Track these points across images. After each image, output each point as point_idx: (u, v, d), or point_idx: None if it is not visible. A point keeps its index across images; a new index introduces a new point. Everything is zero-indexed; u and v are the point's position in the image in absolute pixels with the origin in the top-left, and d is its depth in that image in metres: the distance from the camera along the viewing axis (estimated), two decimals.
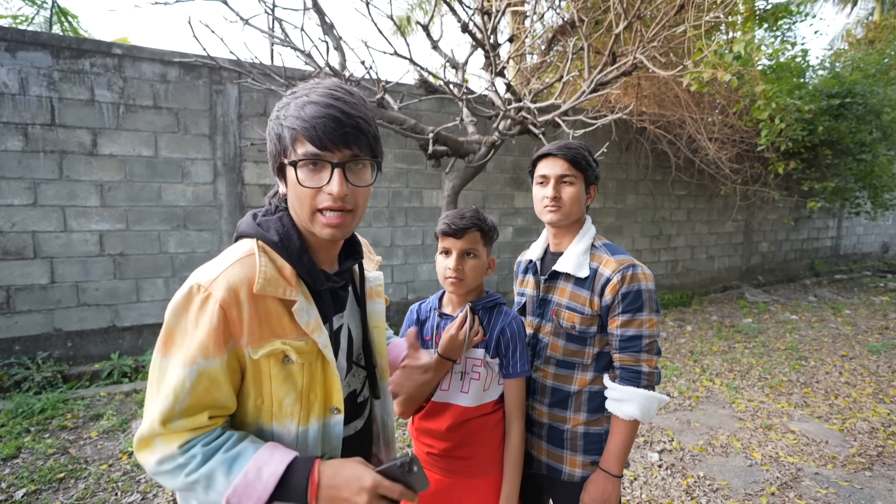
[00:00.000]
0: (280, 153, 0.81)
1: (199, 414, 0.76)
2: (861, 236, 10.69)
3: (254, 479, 0.74)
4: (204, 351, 0.75)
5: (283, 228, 0.85)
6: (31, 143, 3.64)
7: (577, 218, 1.35)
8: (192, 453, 0.75)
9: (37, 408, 3.23)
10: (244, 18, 3.25)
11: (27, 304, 3.73)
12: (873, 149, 6.83)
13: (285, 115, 0.79)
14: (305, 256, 0.84)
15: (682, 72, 3.19)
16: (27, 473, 2.56)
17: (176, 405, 0.74)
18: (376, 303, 1.05)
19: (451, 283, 1.25)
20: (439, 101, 5.17)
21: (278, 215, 0.87)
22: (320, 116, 0.76)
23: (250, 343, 0.79)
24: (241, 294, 0.77)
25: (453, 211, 1.28)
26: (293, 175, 0.80)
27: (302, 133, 0.77)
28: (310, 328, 0.82)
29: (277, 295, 0.80)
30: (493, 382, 1.29)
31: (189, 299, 0.77)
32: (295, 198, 0.82)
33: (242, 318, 0.77)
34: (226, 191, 4.34)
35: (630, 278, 1.24)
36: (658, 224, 7.25)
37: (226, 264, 0.80)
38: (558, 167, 1.31)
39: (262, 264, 0.80)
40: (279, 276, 0.81)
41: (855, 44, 10.12)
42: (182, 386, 0.74)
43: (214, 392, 0.77)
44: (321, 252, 0.90)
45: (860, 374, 4.27)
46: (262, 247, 0.83)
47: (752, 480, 2.68)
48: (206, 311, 0.76)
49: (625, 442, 1.24)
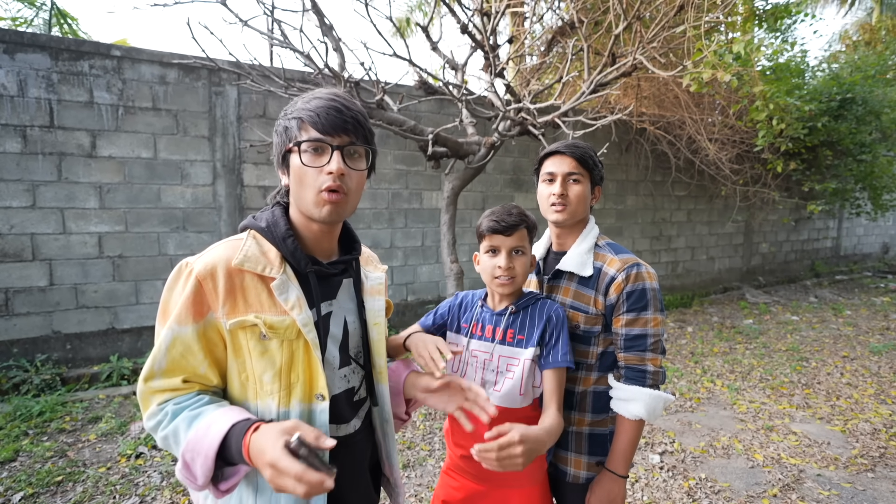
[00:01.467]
0: (286, 142, 0.90)
1: (174, 377, 0.85)
2: (861, 237, 10.68)
3: (202, 435, 0.78)
4: (178, 318, 0.84)
5: (272, 217, 0.94)
6: (30, 145, 3.64)
7: (582, 217, 1.34)
8: (166, 410, 0.83)
9: (35, 410, 3.21)
10: (243, 20, 3.24)
11: (26, 307, 3.72)
12: (873, 149, 6.83)
13: (292, 110, 0.90)
14: (290, 240, 0.91)
15: (681, 72, 3.18)
16: (25, 476, 2.55)
17: (155, 365, 0.84)
18: (376, 300, 1.06)
19: (501, 283, 1.21)
20: (439, 103, 5.17)
21: (271, 210, 0.97)
22: (323, 107, 0.87)
23: (225, 314, 0.86)
24: (219, 269, 0.86)
25: (496, 208, 1.25)
26: (297, 159, 0.88)
27: (307, 120, 0.87)
28: (288, 305, 0.87)
29: (256, 271, 0.87)
30: (528, 385, 1.23)
31: (178, 275, 0.88)
32: (297, 181, 0.89)
33: (217, 291, 0.85)
34: (225, 192, 4.33)
35: (635, 277, 1.22)
36: (658, 225, 7.24)
37: (214, 247, 0.91)
38: (566, 165, 1.30)
39: (247, 245, 0.90)
40: (260, 255, 0.89)
41: (852, 46, 10.12)
42: (160, 349, 0.84)
43: (188, 357, 0.85)
44: (316, 243, 0.96)
45: (862, 374, 4.25)
46: (253, 234, 0.93)
47: (754, 482, 2.66)
48: (187, 283, 0.85)
49: (630, 442, 1.23)
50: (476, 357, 1.26)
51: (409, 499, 2.47)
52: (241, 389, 0.89)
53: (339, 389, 0.97)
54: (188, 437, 0.79)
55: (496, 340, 1.25)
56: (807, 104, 5.69)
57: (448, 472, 1.34)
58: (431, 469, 2.73)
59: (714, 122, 6.26)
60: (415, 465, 2.77)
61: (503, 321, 1.26)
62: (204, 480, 0.79)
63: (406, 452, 2.89)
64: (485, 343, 1.27)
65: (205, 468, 0.78)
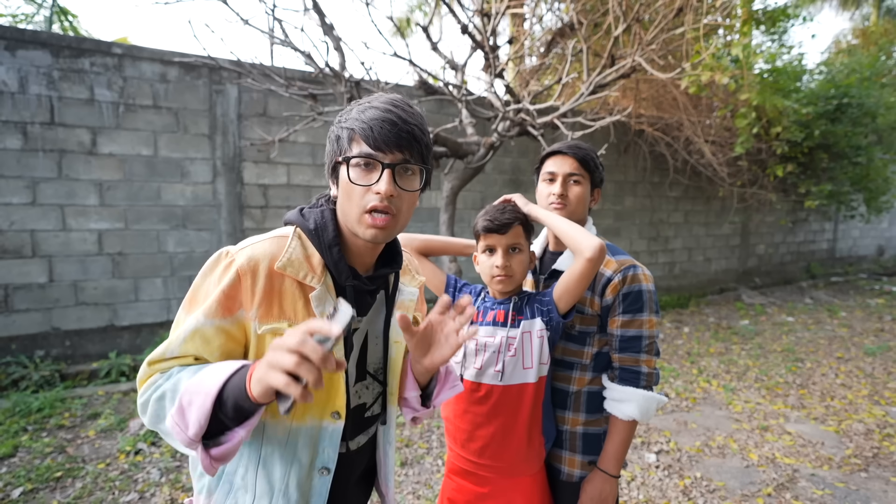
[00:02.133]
0: (336, 153, 0.86)
1: (183, 358, 0.80)
2: (857, 239, 10.75)
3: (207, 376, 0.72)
4: (207, 310, 0.79)
5: (322, 219, 0.88)
6: (31, 142, 3.64)
7: (580, 218, 1.34)
8: (170, 373, 0.78)
9: (34, 406, 3.22)
10: (244, 19, 3.26)
11: (25, 303, 3.72)
12: (868, 152, 6.88)
13: (346, 118, 0.85)
14: (336, 248, 0.86)
15: (680, 74, 3.21)
16: (24, 472, 2.56)
17: (167, 352, 0.79)
18: None
19: (500, 280, 1.22)
20: (438, 103, 5.18)
21: (321, 208, 0.91)
22: (377, 119, 0.81)
23: (259, 316, 0.81)
24: (261, 267, 0.81)
25: (490, 207, 1.25)
26: (345, 173, 0.83)
27: (359, 133, 0.82)
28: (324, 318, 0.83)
29: (297, 277, 0.83)
30: (536, 359, 1.23)
31: (217, 262, 0.83)
32: (345, 196, 0.85)
33: (255, 290, 0.81)
34: (225, 190, 4.34)
35: (631, 279, 1.24)
36: (656, 226, 7.27)
37: (259, 239, 0.85)
38: (567, 165, 1.31)
39: (292, 246, 0.85)
40: (304, 261, 0.85)
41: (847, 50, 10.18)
42: (178, 337, 0.79)
43: (202, 350, 0.80)
44: (358, 256, 0.91)
45: (856, 375, 4.29)
46: (299, 233, 0.88)
47: (748, 481, 2.69)
48: (225, 274, 0.81)
49: (623, 442, 1.24)
50: (476, 341, 1.26)
51: (406, 496, 2.49)
52: None
53: (352, 405, 0.94)
54: (190, 381, 0.72)
55: (500, 324, 1.26)
56: (804, 107, 5.73)
57: (450, 476, 1.36)
58: (429, 467, 2.75)
59: (711, 124, 6.29)
60: (412, 463, 2.79)
61: (507, 306, 1.27)
62: (196, 428, 0.69)
63: (404, 450, 2.91)
64: (488, 327, 1.27)
65: (202, 407, 0.68)
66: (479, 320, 1.30)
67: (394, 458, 1.09)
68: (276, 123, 4.51)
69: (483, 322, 1.29)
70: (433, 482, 2.60)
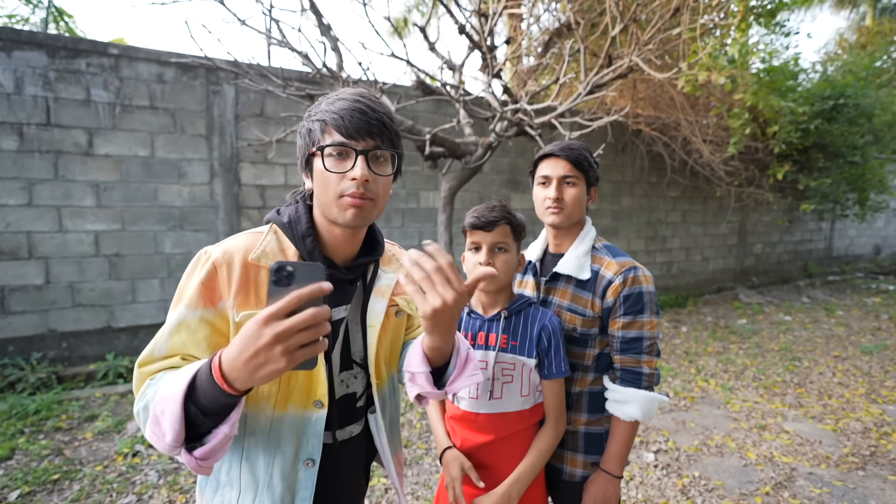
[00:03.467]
0: (309, 145, 0.88)
1: (172, 359, 0.81)
2: (853, 238, 10.79)
3: (173, 382, 0.71)
4: (189, 302, 0.82)
5: (296, 213, 0.92)
6: (27, 143, 3.63)
7: (579, 219, 1.34)
8: (158, 381, 0.77)
9: (31, 409, 3.21)
10: (241, 19, 3.25)
11: (22, 305, 3.71)
12: (864, 152, 6.90)
13: (316, 111, 0.88)
14: (309, 239, 0.89)
15: (677, 74, 3.22)
16: (21, 475, 2.55)
17: (155, 350, 0.81)
18: (378, 300, 1.00)
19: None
20: (436, 103, 5.18)
21: (295, 204, 0.95)
22: (348, 109, 0.84)
23: (236, 305, 0.83)
24: (236, 259, 0.84)
25: (480, 205, 1.24)
26: (320, 163, 0.86)
27: (331, 123, 0.85)
28: None
29: None
30: (533, 387, 1.26)
31: (196, 261, 0.86)
32: (321, 185, 0.87)
33: (231, 280, 0.83)
34: (222, 191, 4.33)
35: (632, 281, 1.24)
36: (653, 226, 7.29)
37: (235, 237, 0.89)
38: (561, 168, 1.30)
39: (267, 240, 0.88)
40: (279, 253, 0.88)
41: (847, 48, 10.22)
42: (163, 333, 0.82)
43: (189, 346, 0.81)
44: (335, 247, 0.93)
45: (853, 374, 4.31)
46: (275, 228, 0.91)
47: (746, 480, 2.70)
48: (201, 269, 0.84)
49: (625, 443, 1.25)
50: None
51: (406, 496, 2.48)
52: None
53: (338, 395, 0.95)
54: (160, 390, 0.73)
55: (491, 347, 1.24)
56: (800, 106, 5.74)
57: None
58: (428, 468, 2.75)
59: (709, 124, 6.31)
60: (412, 464, 2.78)
61: (496, 327, 1.25)
62: (173, 435, 0.68)
63: (403, 451, 2.91)
64: (479, 352, 1.25)
65: (172, 414, 0.67)
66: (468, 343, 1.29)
67: (395, 443, 1.08)
68: (274, 124, 4.50)
69: (474, 345, 1.26)
70: (432, 483, 2.60)
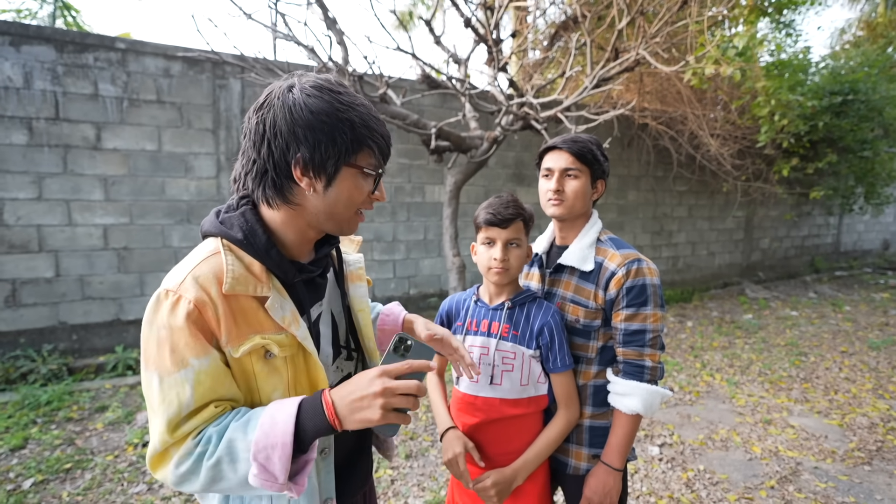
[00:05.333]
0: (341, 155, 0.80)
1: (205, 410, 0.76)
2: (862, 233, 10.69)
3: (270, 428, 0.72)
4: (192, 350, 0.74)
5: (247, 224, 0.82)
6: (36, 137, 3.66)
7: (582, 212, 1.34)
8: (207, 436, 0.74)
9: (43, 399, 3.26)
10: (247, 13, 3.26)
11: (32, 297, 3.76)
12: (874, 146, 6.82)
13: (357, 121, 0.80)
14: (273, 251, 0.82)
15: (684, 67, 3.20)
16: (35, 464, 2.59)
17: (181, 411, 0.74)
18: (358, 286, 1.03)
19: (497, 273, 1.25)
20: (442, 97, 5.17)
21: (241, 211, 0.83)
22: (386, 135, 0.85)
23: (229, 342, 0.77)
24: (213, 292, 0.76)
25: (493, 200, 1.27)
26: (354, 178, 0.83)
27: (375, 147, 0.83)
28: (286, 322, 0.81)
29: (248, 293, 0.79)
30: (533, 378, 1.28)
31: (158, 306, 0.75)
32: (345, 200, 0.83)
33: (218, 317, 0.76)
34: (229, 185, 4.36)
35: (635, 273, 1.23)
36: (659, 220, 7.26)
37: (191, 265, 0.78)
38: (563, 160, 1.30)
39: (229, 263, 0.78)
40: (248, 274, 0.79)
41: (856, 41, 10.08)
42: (182, 390, 0.73)
43: (218, 389, 0.77)
44: (296, 247, 0.88)
45: (860, 369, 4.29)
46: (227, 245, 0.81)
47: (751, 474, 2.70)
48: (178, 313, 0.74)
49: (626, 436, 1.25)
50: (472, 353, 1.28)
51: (412, 488, 2.51)
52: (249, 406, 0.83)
53: (336, 380, 0.96)
54: (254, 439, 0.72)
55: (493, 335, 1.28)
56: (809, 100, 5.68)
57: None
58: (434, 459, 2.77)
59: (716, 118, 6.26)
60: (417, 456, 2.81)
61: (499, 315, 1.28)
62: (285, 474, 0.72)
63: (409, 443, 2.93)
64: (481, 338, 1.29)
65: (284, 458, 0.71)
66: (472, 329, 1.31)
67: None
68: None
69: (477, 331, 1.30)
70: (437, 474, 2.62)
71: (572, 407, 1.29)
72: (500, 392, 1.26)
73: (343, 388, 0.76)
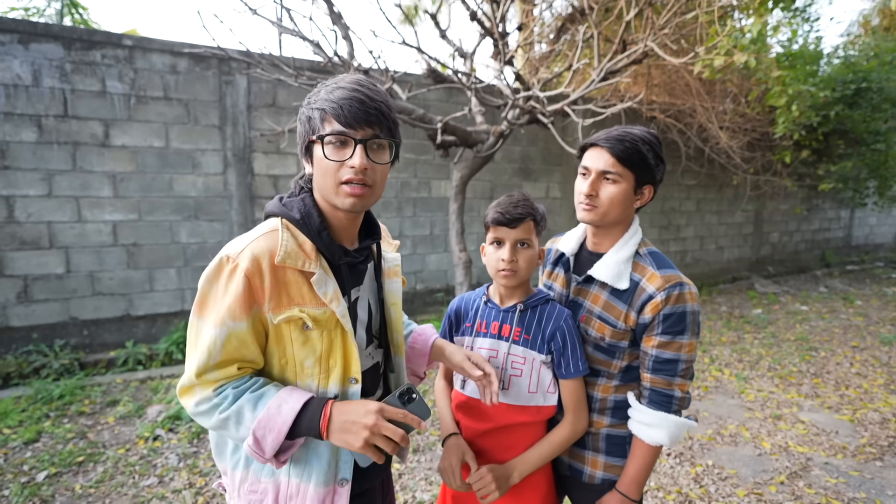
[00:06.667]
0: (309, 133, 0.91)
1: (230, 366, 0.88)
2: (874, 227, 10.56)
3: (275, 413, 0.85)
4: (231, 314, 0.85)
5: (305, 208, 0.94)
6: (45, 135, 3.69)
7: (619, 220, 1.18)
8: (225, 394, 0.87)
9: (55, 394, 3.30)
10: (252, 9, 3.25)
11: (44, 293, 3.80)
12: (887, 138, 6.72)
13: (315, 100, 0.90)
14: (325, 233, 0.93)
15: (693, 59, 3.15)
16: (48, 457, 2.63)
17: (210, 360, 0.86)
18: (394, 282, 1.10)
19: (505, 275, 1.19)
20: (447, 91, 5.15)
21: (301, 196, 0.97)
22: (347, 98, 0.86)
23: (271, 309, 0.88)
24: (264, 264, 0.87)
25: (503, 198, 1.20)
26: (320, 151, 0.89)
27: (330, 112, 0.87)
28: (328, 298, 0.91)
29: (297, 267, 0.89)
30: (543, 386, 1.22)
31: (220, 269, 0.88)
32: (320, 173, 0.91)
33: (264, 287, 0.87)
34: (236, 181, 4.37)
35: (676, 299, 1.10)
36: (667, 214, 7.20)
37: (252, 238, 0.90)
38: (602, 161, 1.13)
39: (284, 239, 0.89)
40: (299, 250, 0.90)
41: (870, 31, 9.89)
42: (214, 344, 0.85)
43: (242, 350, 0.88)
44: (341, 230, 0.98)
45: (871, 364, 4.24)
46: (286, 224, 0.93)
47: (761, 469, 2.69)
48: (233, 279, 0.86)
49: (647, 467, 1.15)
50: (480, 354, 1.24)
51: (419, 482, 2.52)
52: (280, 370, 0.94)
53: (367, 367, 1.03)
54: (258, 416, 0.85)
55: (502, 338, 1.23)
56: (821, 91, 5.60)
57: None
58: (441, 453, 2.78)
59: (725, 110, 6.18)
60: (424, 450, 2.82)
61: (511, 318, 1.23)
62: (271, 453, 0.86)
63: (416, 437, 2.95)
64: (490, 340, 1.25)
65: (275, 442, 0.84)
66: (482, 331, 1.27)
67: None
68: (286, 114, 4.52)
69: (486, 333, 1.26)
70: None
71: (581, 416, 1.22)
72: (505, 397, 1.22)
73: (344, 406, 0.87)
